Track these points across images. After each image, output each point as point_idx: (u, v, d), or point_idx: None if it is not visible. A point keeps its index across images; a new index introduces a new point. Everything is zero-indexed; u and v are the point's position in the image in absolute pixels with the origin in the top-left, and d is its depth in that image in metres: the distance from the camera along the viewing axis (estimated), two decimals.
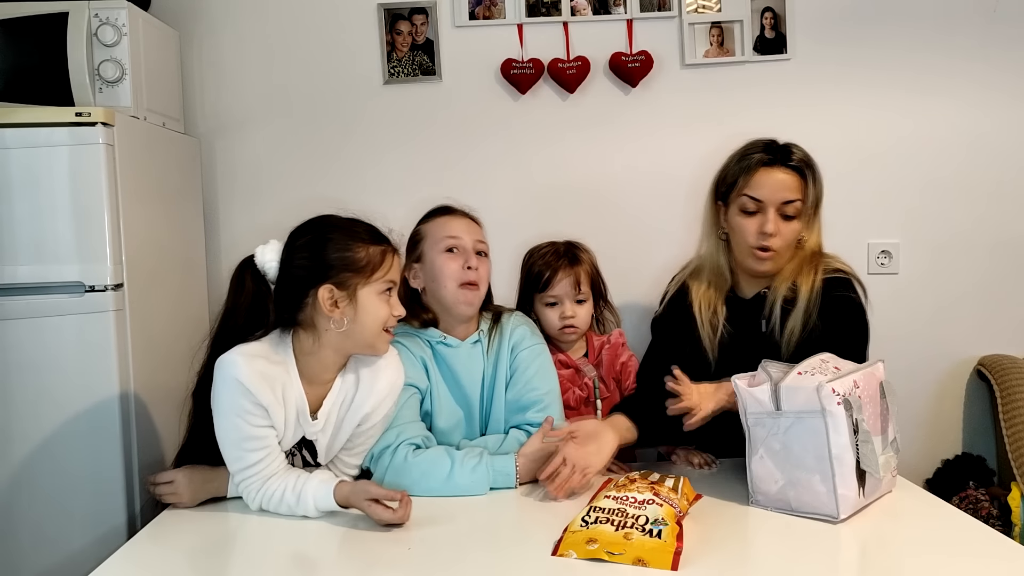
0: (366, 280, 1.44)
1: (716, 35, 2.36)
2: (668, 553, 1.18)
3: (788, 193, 1.62)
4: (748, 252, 1.65)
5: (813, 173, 1.64)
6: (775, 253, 1.63)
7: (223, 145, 2.38)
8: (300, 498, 1.42)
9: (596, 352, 1.91)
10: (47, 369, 1.72)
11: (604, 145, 2.38)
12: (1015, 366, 2.28)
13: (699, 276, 1.76)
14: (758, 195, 1.62)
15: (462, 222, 1.71)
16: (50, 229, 1.72)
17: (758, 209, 1.63)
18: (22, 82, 1.90)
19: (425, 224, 1.73)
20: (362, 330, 1.45)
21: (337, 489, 1.41)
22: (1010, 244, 2.40)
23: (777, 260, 1.64)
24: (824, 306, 1.61)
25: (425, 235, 1.71)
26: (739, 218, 1.66)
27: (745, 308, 1.70)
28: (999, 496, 2.19)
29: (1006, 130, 2.38)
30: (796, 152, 1.65)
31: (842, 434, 1.31)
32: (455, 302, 1.66)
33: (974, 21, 2.35)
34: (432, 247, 1.68)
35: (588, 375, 1.87)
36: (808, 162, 1.65)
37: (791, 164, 1.63)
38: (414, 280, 1.71)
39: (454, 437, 1.68)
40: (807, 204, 1.63)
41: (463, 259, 1.66)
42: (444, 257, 1.66)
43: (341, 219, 1.49)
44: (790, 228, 1.63)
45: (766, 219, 1.61)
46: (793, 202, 1.62)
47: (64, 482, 1.73)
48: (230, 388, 1.39)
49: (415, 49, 2.35)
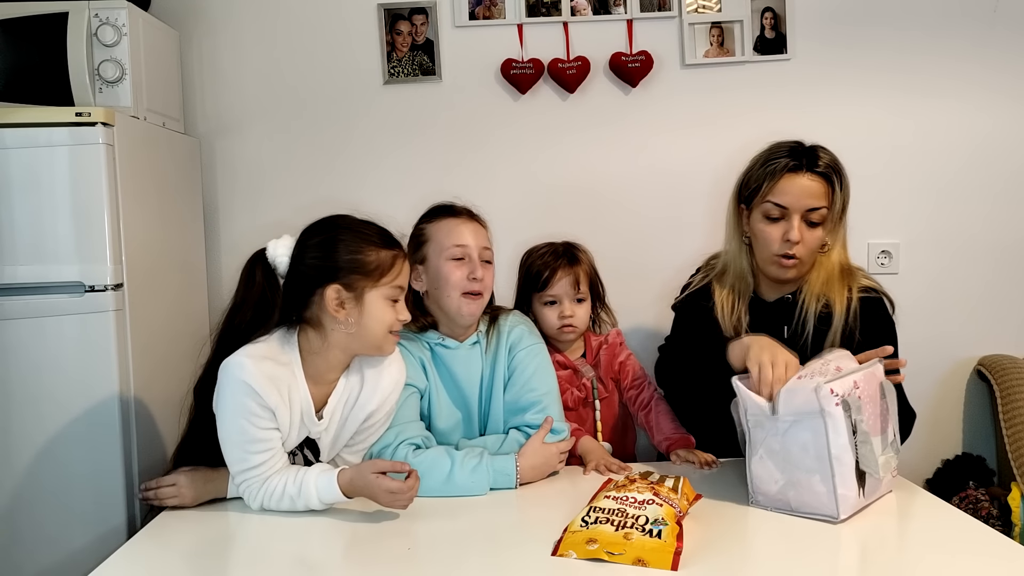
0: (374, 284, 1.44)
1: (716, 35, 2.36)
2: (668, 553, 1.18)
3: (813, 200, 1.58)
4: (771, 260, 1.62)
5: (840, 179, 1.60)
6: (799, 261, 1.60)
7: (223, 145, 2.38)
8: (302, 490, 1.41)
9: (594, 352, 1.91)
10: (47, 369, 1.72)
11: (604, 145, 2.38)
12: (1015, 366, 2.28)
13: (723, 279, 1.72)
14: (783, 202, 1.58)
15: (469, 227, 1.67)
16: (50, 229, 1.72)
17: (782, 216, 1.59)
18: (22, 82, 1.90)
19: (430, 224, 1.69)
20: (366, 333, 1.45)
21: (340, 475, 1.40)
22: (1010, 244, 2.40)
23: (800, 267, 1.62)
24: (865, 325, 1.60)
25: (430, 237, 1.67)
26: (762, 224, 1.62)
27: (767, 312, 1.68)
28: (999, 496, 2.19)
29: (1006, 130, 2.38)
30: (823, 156, 1.60)
31: (841, 434, 1.31)
32: (458, 311, 1.65)
33: (974, 22, 2.36)
34: (438, 253, 1.65)
35: (586, 376, 1.87)
36: (835, 167, 1.60)
37: (818, 170, 1.59)
38: (416, 282, 1.68)
39: (453, 438, 1.68)
40: (833, 211, 1.59)
41: (469, 268, 1.64)
42: (450, 265, 1.63)
43: (355, 220, 1.49)
44: (814, 235, 1.60)
45: (791, 226, 1.57)
46: (819, 209, 1.58)
47: (64, 482, 1.73)
48: (237, 390, 1.39)
49: (415, 49, 2.35)
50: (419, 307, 1.70)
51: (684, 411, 1.78)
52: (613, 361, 1.90)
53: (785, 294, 1.68)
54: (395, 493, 1.36)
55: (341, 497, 1.41)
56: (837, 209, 1.60)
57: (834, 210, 1.60)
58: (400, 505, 1.38)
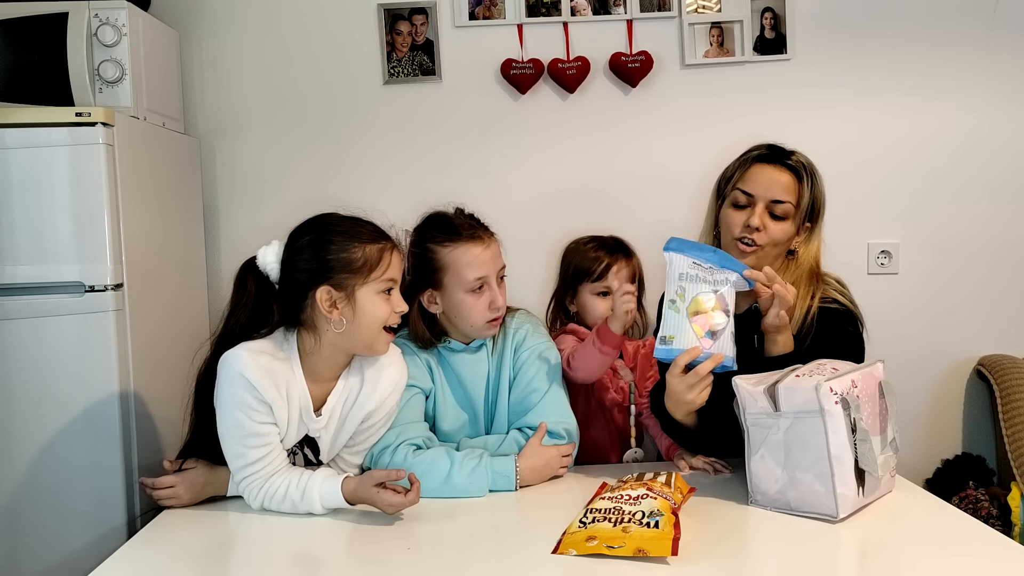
0: (364, 280, 1.43)
1: (716, 35, 2.36)
2: (667, 540, 1.18)
3: (780, 192, 1.59)
4: (731, 245, 1.63)
5: (811, 177, 1.61)
6: (758, 248, 1.60)
7: (223, 145, 2.38)
8: (305, 495, 1.41)
9: (631, 357, 1.88)
10: (47, 369, 1.72)
11: (604, 145, 2.38)
12: (1015, 366, 2.28)
13: None
14: (749, 189, 1.61)
15: (487, 254, 1.63)
16: (50, 229, 1.72)
17: (748, 203, 1.61)
18: (22, 82, 1.90)
19: (445, 251, 1.62)
20: (361, 330, 1.45)
21: (345, 484, 1.41)
22: (1010, 244, 2.40)
23: (760, 257, 1.61)
24: (820, 337, 1.57)
25: (447, 266, 1.61)
26: (728, 210, 1.64)
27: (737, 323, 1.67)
28: (999, 496, 2.19)
29: (1006, 130, 2.38)
30: (797, 155, 1.63)
31: (840, 433, 1.31)
32: (477, 335, 1.67)
33: (974, 23, 2.36)
34: (457, 284, 1.61)
35: (624, 379, 1.85)
36: (807, 166, 1.62)
37: (788, 163, 1.61)
38: (431, 305, 1.65)
39: (458, 439, 1.68)
40: (800, 208, 1.60)
41: (490, 297, 1.63)
42: (471, 298, 1.61)
43: (339, 219, 1.49)
44: (779, 228, 1.60)
45: (753, 213, 1.59)
46: (784, 203, 1.59)
47: (64, 482, 1.73)
48: (234, 383, 1.39)
49: (415, 49, 2.36)
50: (428, 323, 1.67)
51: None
52: (648, 370, 1.87)
53: (753, 303, 1.67)
54: (396, 506, 1.37)
55: (344, 504, 1.41)
56: (804, 206, 1.60)
57: (800, 207, 1.60)
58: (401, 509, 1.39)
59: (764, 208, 1.60)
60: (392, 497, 1.36)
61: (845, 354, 1.50)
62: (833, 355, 1.49)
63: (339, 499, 1.40)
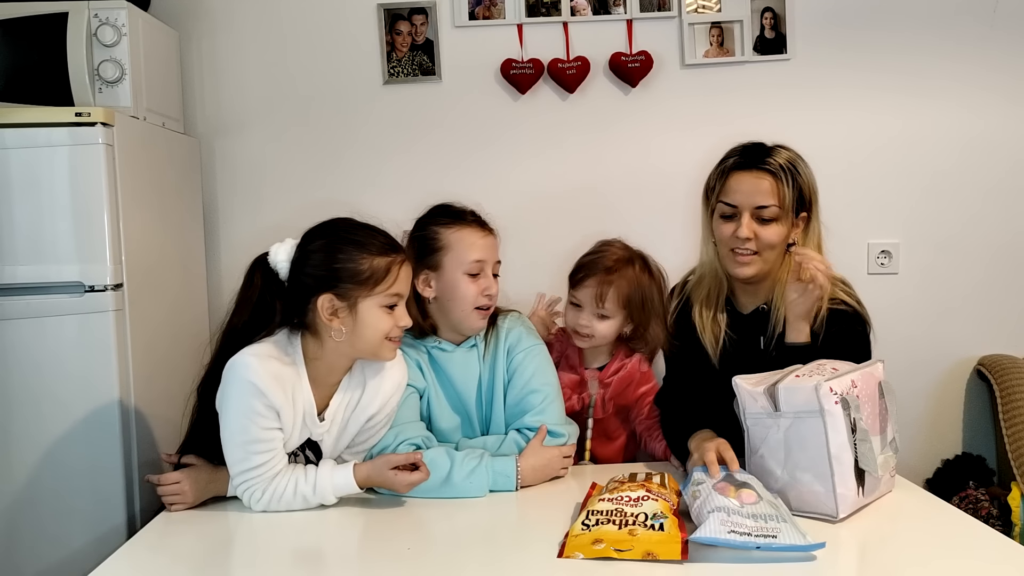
0: (368, 292, 1.43)
1: (716, 35, 2.36)
2: (676, 543, 1.19)
3: (762, 197, 1.57)
4: (728, 257, 1.63)
5: (790, 174, 1.57)
6: (756, 256, 1.60)
7: (223, 145, 2.38)
8: (317, 488, 1.43)
9: (610, 371, 1.84)
10: (47, 369, 1.72)
11: (604, 145, 2.38)
12: (1015, 366, 2.28)
13: (698, 290, 1.73)
14: (731, 200, 1.60)
15: (487, 241, 1.66)
16: (50, 229, 1.72)
17: (733, 214, 1.60)
18: (22, 82, 1.90)
19: (448, 231, 1.64)
20: (360, 341, 1.45)
21: (357, 470, 1.45)
22: (1010, 244, 2.40)
23: (759, 264, 1.61)
24: (830, 339, 1.57)
25: (448, 247, 1.63)
26: (718, 223, 1.64)
27: (743, 324, 1.68)
28: (999, 496, 2.19)
29: (1006, 130, 2.38)
30: (775, 154, 1.60)
31: (840, 433, 1.31)
32: (467, 324, 1.66)
33: (973, 23, 2.35)
34: (455, 266, 1.62)
35: (590, 391, 1.82)
36: (784, 165, 1.58)
37: (764, 167, 1.58)
38: (425, 288, 1.65)
39: (454, 439, 1.68)
40: (784, 207, 1.58)
41: (484, 284, 1.64)
42: (466, 280, 1.62)
43: (353, 227, 1.47)
44: (770, 231, 1.58)
45: (740, 224, 1.58)
46: (768, 207, 1.57)
47: (64, 482, 1.73)
48: (242, 390, 1.39)
49: (415, 49, 2.35)
50: (421, 311, 1.67)
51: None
52: (627, 389, 1.84)
53: (760, 304, 1.67)
54: (412, 483, 1.44)
55: (357, 491, 1.46)
56: (789, 204, 1.58)
57: (785, 206, 1.58)
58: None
59: (750, 216, 1.59)
60: (407, 476, 1.43)
61: (854, 355, 1.50)
62: (842, 356, 1.49)
63: (352, 486, 1.45)
